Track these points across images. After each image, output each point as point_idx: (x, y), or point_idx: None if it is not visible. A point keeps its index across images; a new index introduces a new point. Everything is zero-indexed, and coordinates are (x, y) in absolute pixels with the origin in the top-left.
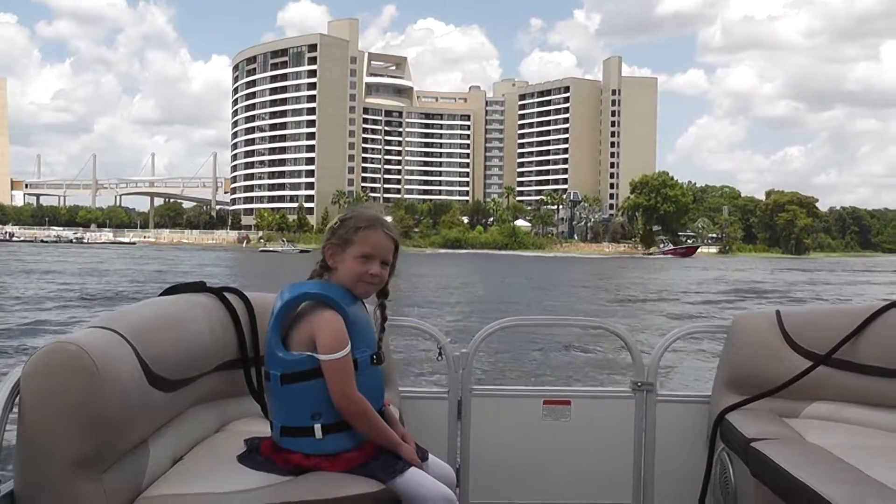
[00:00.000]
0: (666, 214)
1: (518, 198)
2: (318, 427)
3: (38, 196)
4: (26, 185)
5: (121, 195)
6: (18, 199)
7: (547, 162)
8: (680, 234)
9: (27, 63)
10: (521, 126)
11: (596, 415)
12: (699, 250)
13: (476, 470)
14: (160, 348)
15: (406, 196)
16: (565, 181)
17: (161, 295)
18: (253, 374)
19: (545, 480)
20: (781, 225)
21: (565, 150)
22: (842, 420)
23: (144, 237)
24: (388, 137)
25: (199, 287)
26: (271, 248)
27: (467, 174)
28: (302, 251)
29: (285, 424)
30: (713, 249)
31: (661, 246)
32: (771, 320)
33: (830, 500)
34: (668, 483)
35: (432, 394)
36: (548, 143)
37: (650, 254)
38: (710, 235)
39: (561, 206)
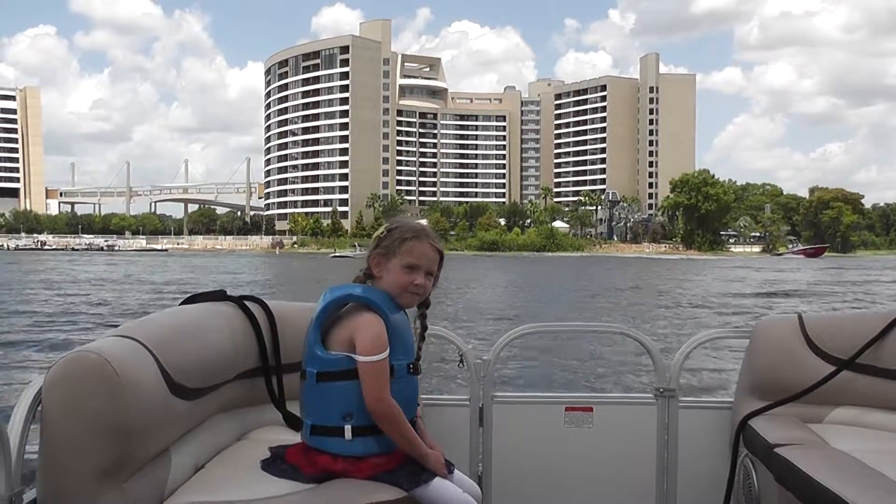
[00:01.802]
0: (707, 213)
1: (555, 199)
2: (348, 428)
3: (72, 204)
4: (61, 194)
5: (155, 202)
6: (53, 207)
7: (584, 162)
8: (722, 233)
9: (66, 73)
10: (558, 126)
11: (618, 421)
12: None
13: (498, 477)
14: (181, 357)
15: (441, 199)
16: (603, 181)
17: (182, 304)
18: (274, 382)
19: (568, 487)
20: (826, 223)
21: (603, 150)
22: (866, 425)
23: (178, 244)
24: (422, 140)
25: (219, 296)
26: (342, 254)
27: (503, 175)
28: None
29: (316, 423)
30: (756, 248)
31: (791, 246)
32: (793, 325)
33: None
34: (692, 490)
35: (454, 401)
36: (585, 142)
37: (780, 254)
38: (752, 234)
39: (599, 207)
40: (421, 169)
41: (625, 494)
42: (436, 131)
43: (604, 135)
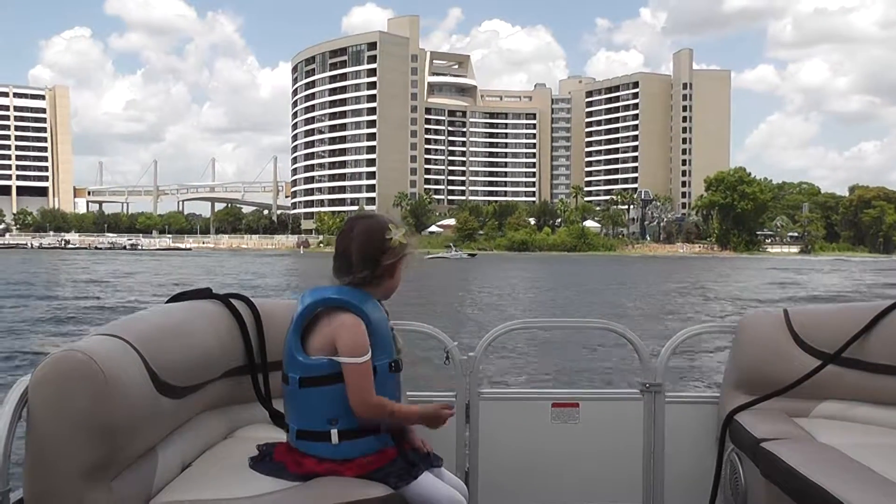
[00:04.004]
0: (743, 213)
1: (586, 198)
2: (334, 432)
3: (100, 203)
4: (89, 193)
5: (182, 201)
6: (81, 206)
7: (616, 160)
8: (758, 233)
9: (101, 75)
10: (589, 124)
11: (605, 417)
12: None
13: (484, 473)
14: (167, 355)
15: (470, 197)
16: (635, 180)
17: (167, 302)
18: (260, 380)
19: (554, 483)
20: (867, 222)
21: (635, 148)
22: (851, 419)
23: (203, 243)
24: (451, 138)
25: (205, 294)
26: (437, 255)
27: (533, 174)
28: (470, 255)
29: (301, 428)
30: (794, 249)
31: None
32: (779, 319)
33: (843, 500)
34: (678, 484)
35: (439, 398)
36: (616, 140)
37: None
38: (789, 234)
39: (631, 206)
40: (450, 167)
41: (612, 490)
42: (465, 129)
43: (636, 132)
